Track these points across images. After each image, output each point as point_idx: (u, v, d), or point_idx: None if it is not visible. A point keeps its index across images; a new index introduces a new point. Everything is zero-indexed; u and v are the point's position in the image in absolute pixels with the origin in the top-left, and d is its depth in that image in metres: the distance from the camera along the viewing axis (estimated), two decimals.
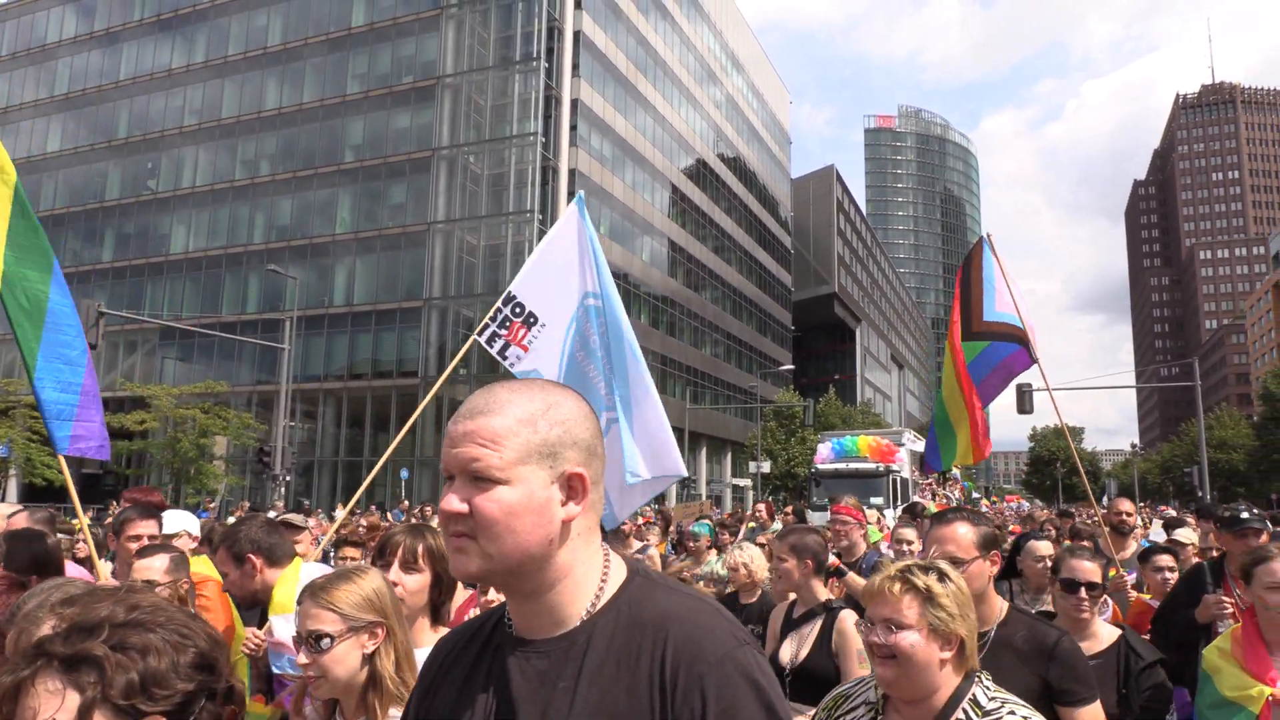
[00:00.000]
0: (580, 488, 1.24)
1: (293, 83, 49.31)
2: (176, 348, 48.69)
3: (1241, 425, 75.33)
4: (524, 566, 1.21)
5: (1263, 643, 2.96)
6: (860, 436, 27.46)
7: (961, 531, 2.77)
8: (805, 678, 3.40)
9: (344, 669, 2.04)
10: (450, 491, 1.20)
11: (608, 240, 49.16)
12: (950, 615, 1.93)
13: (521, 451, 1.19)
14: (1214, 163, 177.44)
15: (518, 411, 1.21)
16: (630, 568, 1.31)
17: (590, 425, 1.27)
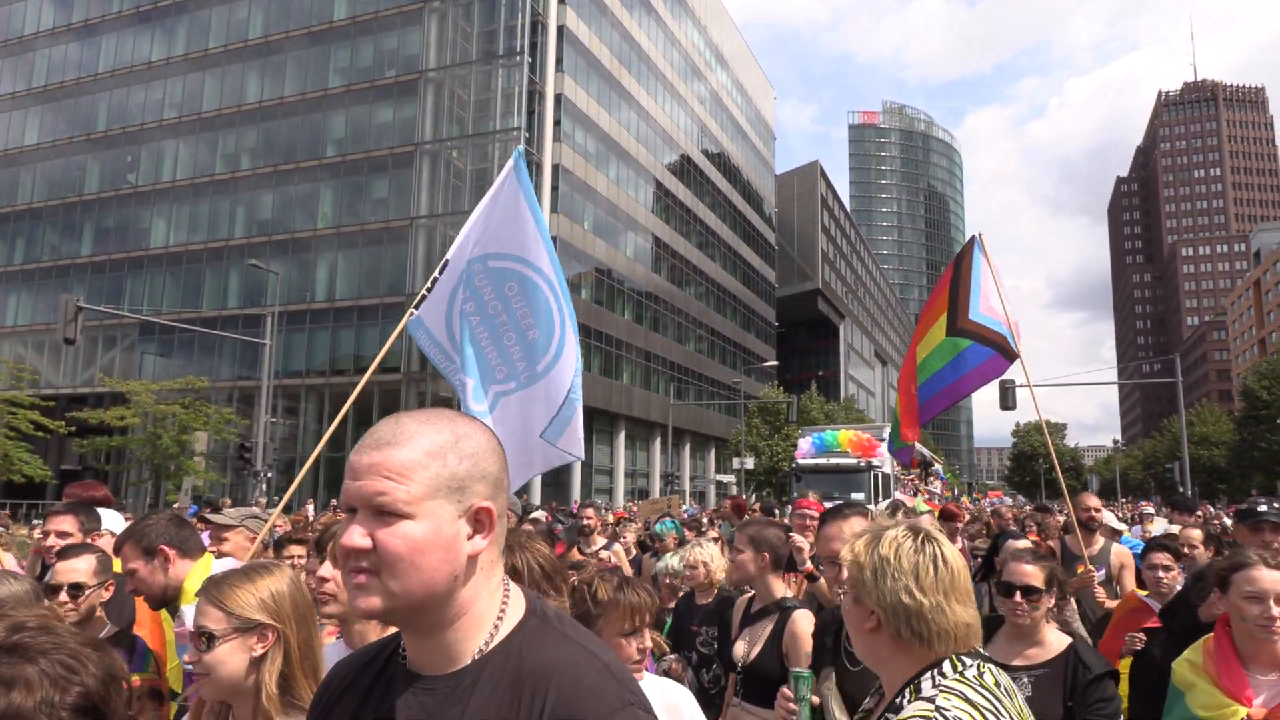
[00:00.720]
0: (487, 522, 1.21)
1: (274, 76, 48.91)
2: (156, 343, 48.24)
3: (1223, 421, 76.07)
4: (428, 604, 1.17)
5: (1238, 657, 2.74)
6: (841, 431, 27.05)
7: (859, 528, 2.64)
8: (756, 677, 3.30)
9: (227, 671, 1.94)
10: (352, 526, 1.16)
11: (591, 236, 49.08)
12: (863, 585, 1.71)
13: (429, 485, 1.16)
14: (1196, 160, 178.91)
15: (426, 444, 1.18)
16: (529, 606, 1.27)
17: (498, 458, 1.25)
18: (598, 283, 49.87)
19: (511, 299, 4.73)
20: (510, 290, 4.72)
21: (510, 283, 4.74)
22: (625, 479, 52.69)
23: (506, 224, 4.80)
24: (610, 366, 50.40)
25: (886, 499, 23.61)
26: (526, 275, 4.74)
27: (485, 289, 4.77)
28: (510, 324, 4.72)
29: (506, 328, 4.71)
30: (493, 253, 4.80)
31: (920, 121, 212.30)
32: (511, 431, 4.74)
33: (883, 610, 1.67)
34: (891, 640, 1.68)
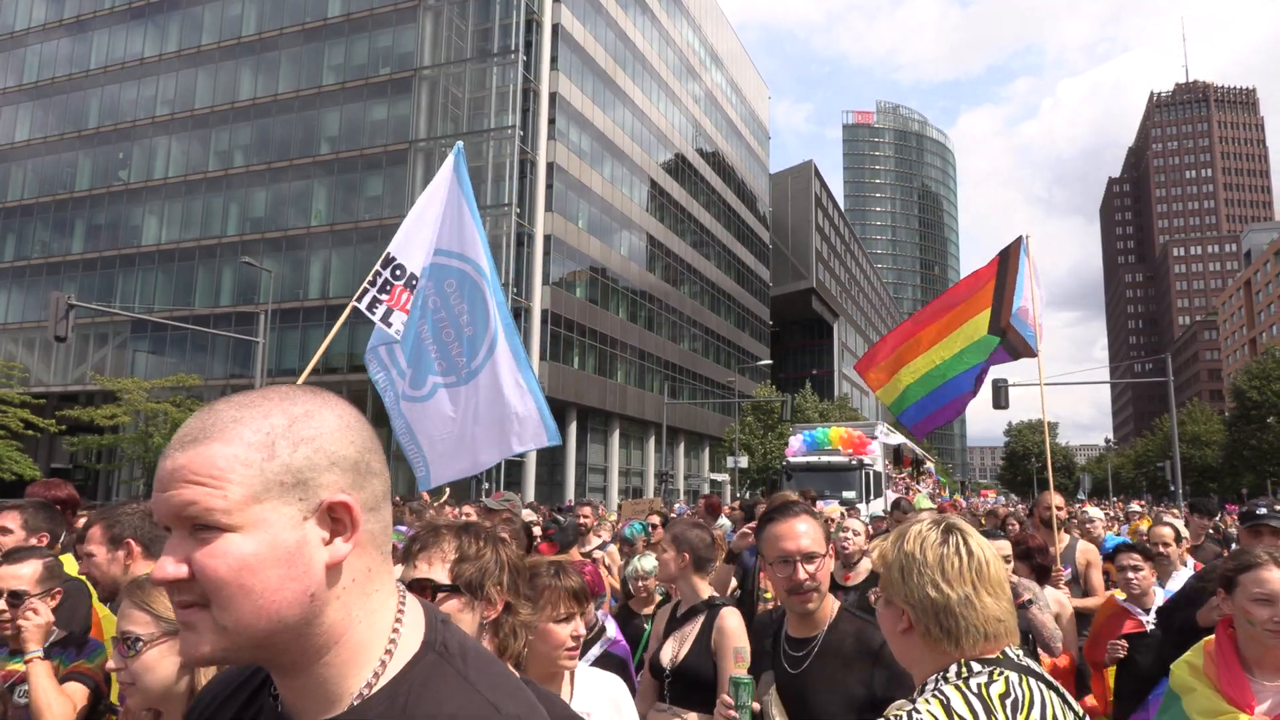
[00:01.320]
0: (347, 520, 0.95)
1: (267, 73, 48.72)
2: (148, 341, 48.04)
3: (1213, 421, 76.44)
4: (276, 637, 0.92)
5: (1240, 661, 2.61)
6: (832, 428, 26.53)
7: (811, 527, 2.64)
8: (684, 679, 3.19)
9: (155, 678, 1.80)
10: (167, 551, 0.92)
11: (586, 234, 49.04)
12: (892, 585, 1.67)
13: (255, 485, 0.91)
14: (1188, 161, 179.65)
15: (248, 433, 0.93)
16: (427, 636, 1.03)
17: (358, 437, 1.01)
18: (592, 281, 49.84)
19: (450, 295, 4.77)
20: (449, 287, 4.76)
21: (449, 279, 4.79)
22: (619, 478, 52.68)
23: (447, 221, 4.85)
24: (604, 365, 50.38)
25: (878, 497, 23.45)
26: (465, 272, 4.77)
27: (427, 285, 4.83)
28: (449, 320, 4.76)
29: (446, 324, 4.75)
30: (437, 248, 4.86)
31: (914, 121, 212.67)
32: (448, 422, 4.70)
33: (912, 608, 1.62)
34: (922, 641, 1.62)
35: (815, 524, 2.63)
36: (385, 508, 1.03)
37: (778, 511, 2.75)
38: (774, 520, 2.69)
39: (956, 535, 1.67)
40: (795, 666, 2.56)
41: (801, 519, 2.64)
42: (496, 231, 43.08)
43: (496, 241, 42.92)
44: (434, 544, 1.84)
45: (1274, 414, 62.48)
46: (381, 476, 1.02)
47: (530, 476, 42.91)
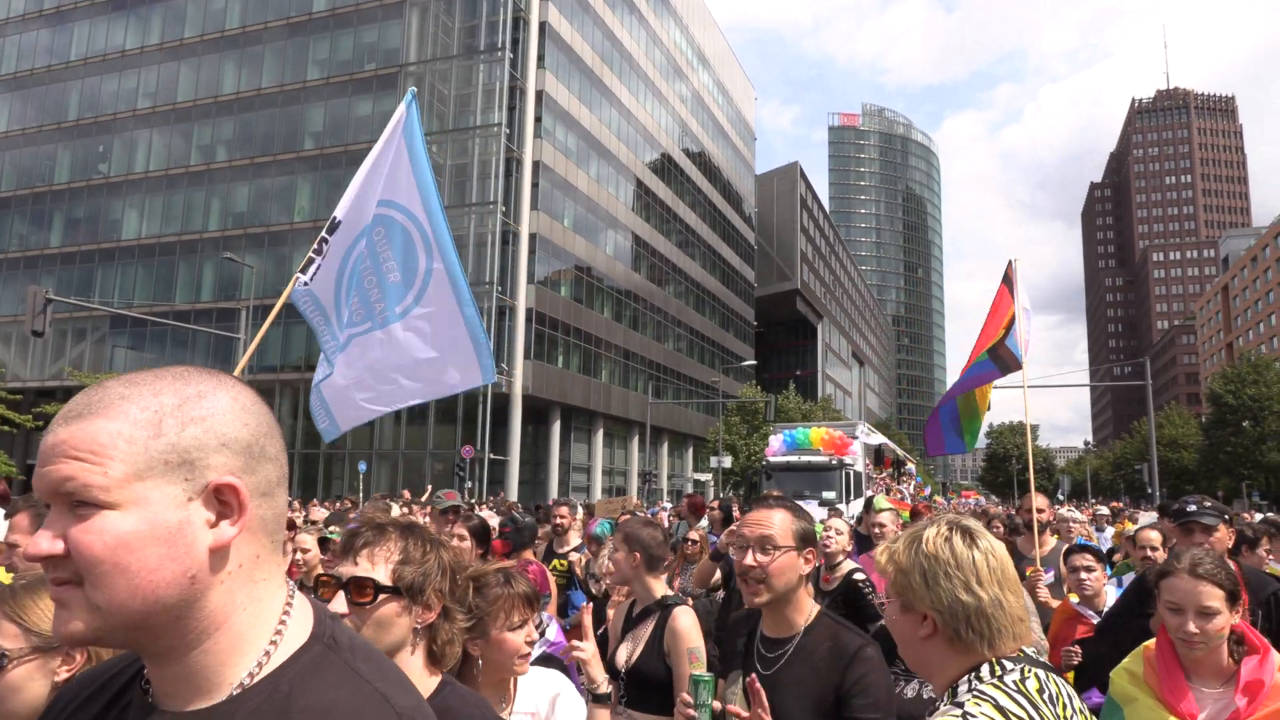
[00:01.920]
0: (235, 503, 0.93)
1: (251, 67, 48.35)
2: (128, 336, 47.56)
3: (1191, 424, 77.26)
4: (152, 619, 0.89)
5: (1180, 666, 2.56)
6: (813, 428, 26.26)
7: (778, 518, 2.53)
8: (638, 680, 3.13)
9: (22, 699, 1.62)
10: (44, 526, 0.90)
11: (571, 233, 48.94)
12: (913, 590, 1.62)
13: (138, 463, 0.89)
14: (1168, 166, 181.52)
15: (134, 410, 0.91)
16: (315, 628, 1.00)
17: (252, 420, 0.97)
18: (577, 280, 49.76)
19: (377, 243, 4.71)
20: (377, 235, 4.71)
21: (378, 228, 4.72)
22: (603, 477, 52.64)
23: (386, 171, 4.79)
24: (589, 364, 50.32)
25: (858, 497, 23.44)
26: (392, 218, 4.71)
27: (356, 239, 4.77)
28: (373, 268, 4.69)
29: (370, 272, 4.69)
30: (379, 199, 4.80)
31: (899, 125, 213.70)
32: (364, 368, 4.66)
33: (940, 613, 1.58)
34: (947, 645, 1.59)
35: (790, 518, 2.53)
36: (279, 494, 0.99)
37: (758, 501, 2.73)
38: (755, 508, 2.65)
39: (982, 539, 1.65)
40: (767, 668, 2.47)
41: (777, 510, 2.56)
42: (482, 230, 42.93)
43: (482, 240, 42.79)
44: (378, 542, 1.78)
45: (1249, 418, 63.21)
46: (276, 462, 0.99)
47: (514, 475, 42.80)
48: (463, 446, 37.03)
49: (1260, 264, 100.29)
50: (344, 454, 43.89)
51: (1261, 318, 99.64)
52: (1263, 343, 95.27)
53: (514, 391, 42.82)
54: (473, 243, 43.12)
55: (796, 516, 2.57)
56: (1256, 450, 62.27)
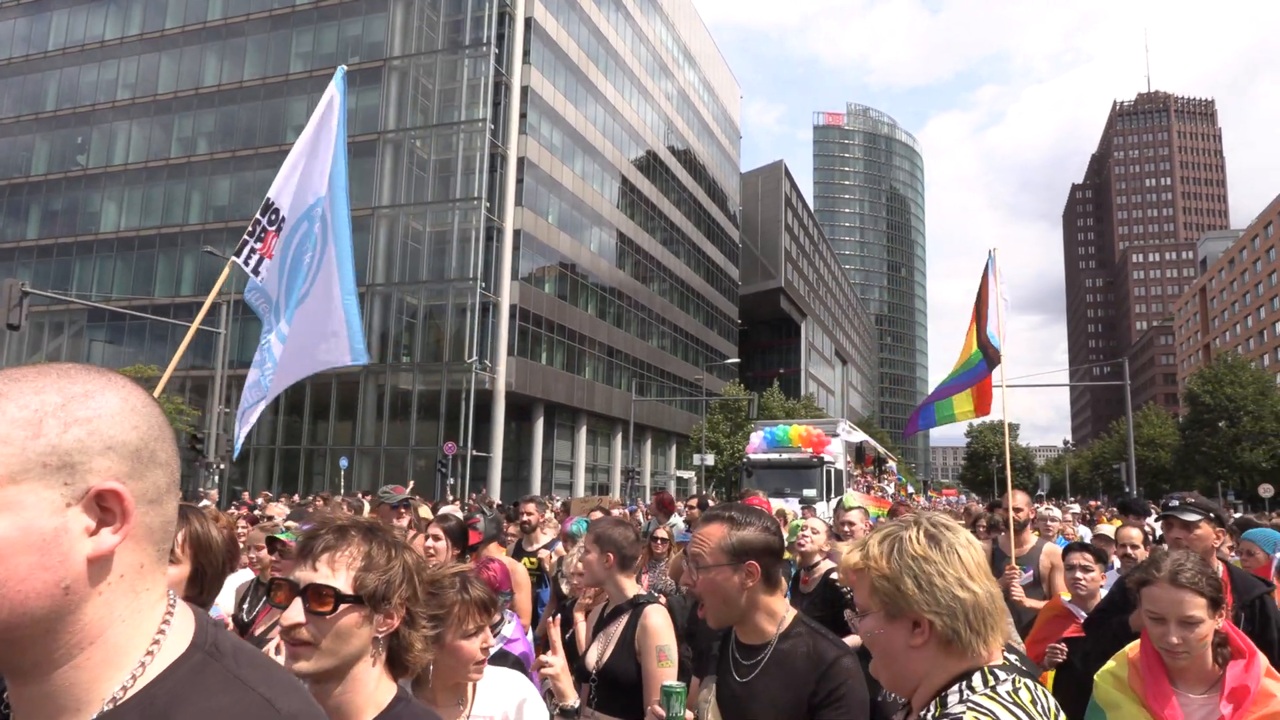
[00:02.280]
0: (118, 510, 0.86)
1: (233, 59, 47.92)
2: (106, 330, 47.08)
3: (1168, 424, 78.08)
4: (18, 631, 0.83)
5: (1164, 671, 2.49)
6: (793, 426, 26.23)
7: (709, 534, 2.39)
8: (608, 681, 3.06)
9: None
10: None
11: (555, 230, 48.83)
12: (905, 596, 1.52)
13: (12, 465, 0.83)
14: (1148, 169, 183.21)
15: (13, 408, 0.85)
16: (196, 636, 0.93)
17: (143, 423, 0.91)
18: (561, 277, 49.68)
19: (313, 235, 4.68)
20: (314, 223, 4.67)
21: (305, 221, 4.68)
22: (586, 474, 52.61)
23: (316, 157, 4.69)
24: (573, 361, 50.25)
25: (839, 495, 23.53)
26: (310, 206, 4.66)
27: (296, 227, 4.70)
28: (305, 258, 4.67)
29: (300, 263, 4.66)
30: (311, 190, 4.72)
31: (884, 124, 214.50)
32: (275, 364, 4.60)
33: (938, 615, 1.49)
34: (940, 651, 1.51)
35: (724, 532, 2.38)
36: (169, 501, 0.93)
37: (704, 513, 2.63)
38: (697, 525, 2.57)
39: (955, 532, 1.59)
40: (743, 675, 2.38)
41: (711, 525, 2.43)
42: (466, 225, 42.77)
43: (466, 236, 42.63)
44: (339, 546, 1.66)
45: (1225, 418, 63.96)
46: (167, 467, 0.93)
47: (496, 472, 42.70)
48: (445, 443, 36.89)
49: (1237, 266, 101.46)
50: (325, 450, 43.64)
51: (1238, 319, 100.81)
52: (1239, 344, 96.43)
53: (497, 388, 42.70)
54: (456, 238, 42.95)
55: (734, 528, 2.39)
56: (1232, 450, 63.02)
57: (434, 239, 43.75)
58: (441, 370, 41.97)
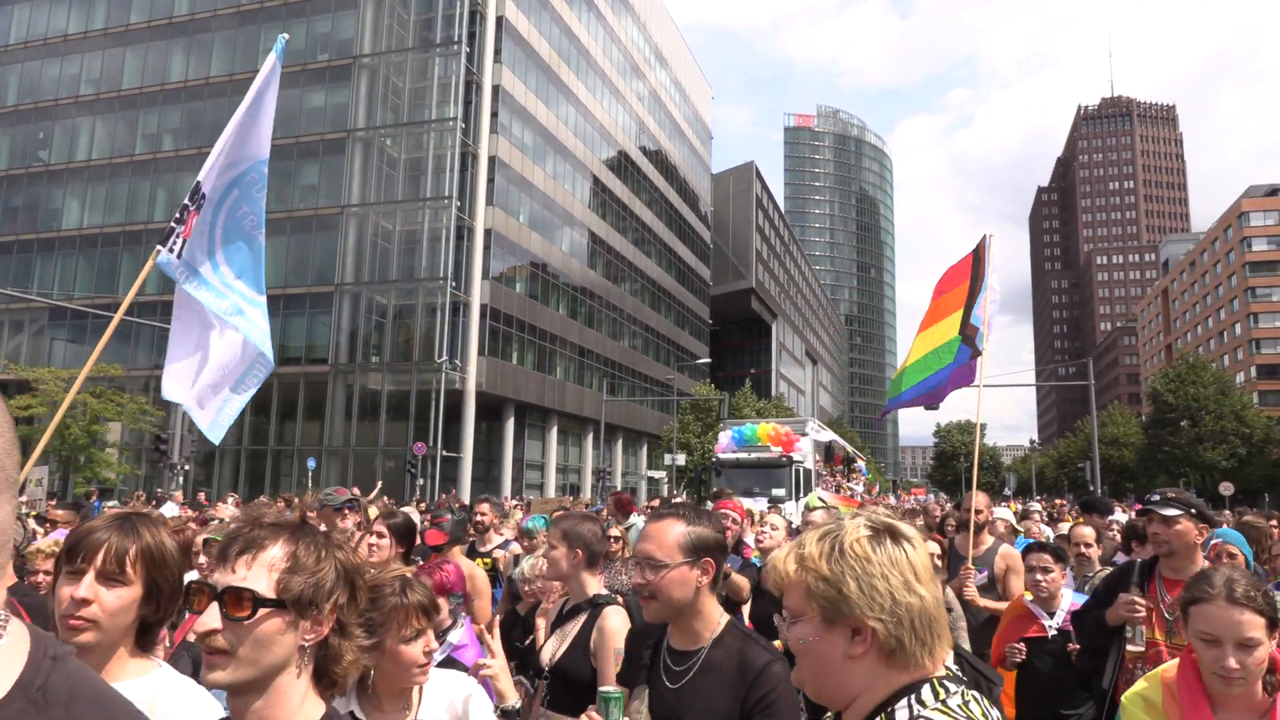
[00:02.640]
0: None
1: (200, 55, 47.27)
2: (68, 328, 46.23)
3: (1131, 424, 79.47)
4: None
5: (1205, 698, 2.27)
6: (761, 425, 25.90)
7: (663, 531, 2.37)
8: (561, 679, 3.02)
9: None
10: None
11: (527, 229, 48.67)
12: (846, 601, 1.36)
13: None
14: (1111, 172, 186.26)
15: None
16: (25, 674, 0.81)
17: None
18: (532, 276, 49.54)
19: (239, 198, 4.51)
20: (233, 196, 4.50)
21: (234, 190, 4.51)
22: (557, 474, 52.51)
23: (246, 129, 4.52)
24: (543, 361, 50.14)
25: (808, 494, 23.56)
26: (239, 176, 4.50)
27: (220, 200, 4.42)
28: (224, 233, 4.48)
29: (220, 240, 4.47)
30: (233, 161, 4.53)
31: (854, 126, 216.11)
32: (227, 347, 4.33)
33: (883, 621, 1.34)
34: (882, 662, 1.36)
35: (679, 529, 2.37)
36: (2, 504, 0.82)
37: (653, 512, 2.62)
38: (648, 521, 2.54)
39: (900, 531, 1.44)
40: (674, 681, 2.35)
41: (665, 521, 2.40)
42: (436, 224, 42.51)
43: (436, 235, 42.38)
44: (261, 546, 1.51)
45: (1187, 417, 65.21)
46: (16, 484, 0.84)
47: (467, 473, 42.50)
48: (415, 443, 36.67)
49: (1198, 268, 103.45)
50: (292, 450, 43.17)
51: (1199, 320, 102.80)
52: (1200, 344, 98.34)
53: (467, 388, 42.50)
54: (426, 237, 42.69)
55: (690, 525, 2.39)
56: (1195, 449, 64.27)
57: (404, 238, 43.45)
58: (411, 370, 41.69)
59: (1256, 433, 64.48)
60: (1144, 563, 3.77)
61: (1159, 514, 3.55)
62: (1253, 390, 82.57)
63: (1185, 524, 3.51)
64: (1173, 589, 3.44)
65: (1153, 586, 3.62)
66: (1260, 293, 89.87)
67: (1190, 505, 3.58)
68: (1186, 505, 3.57)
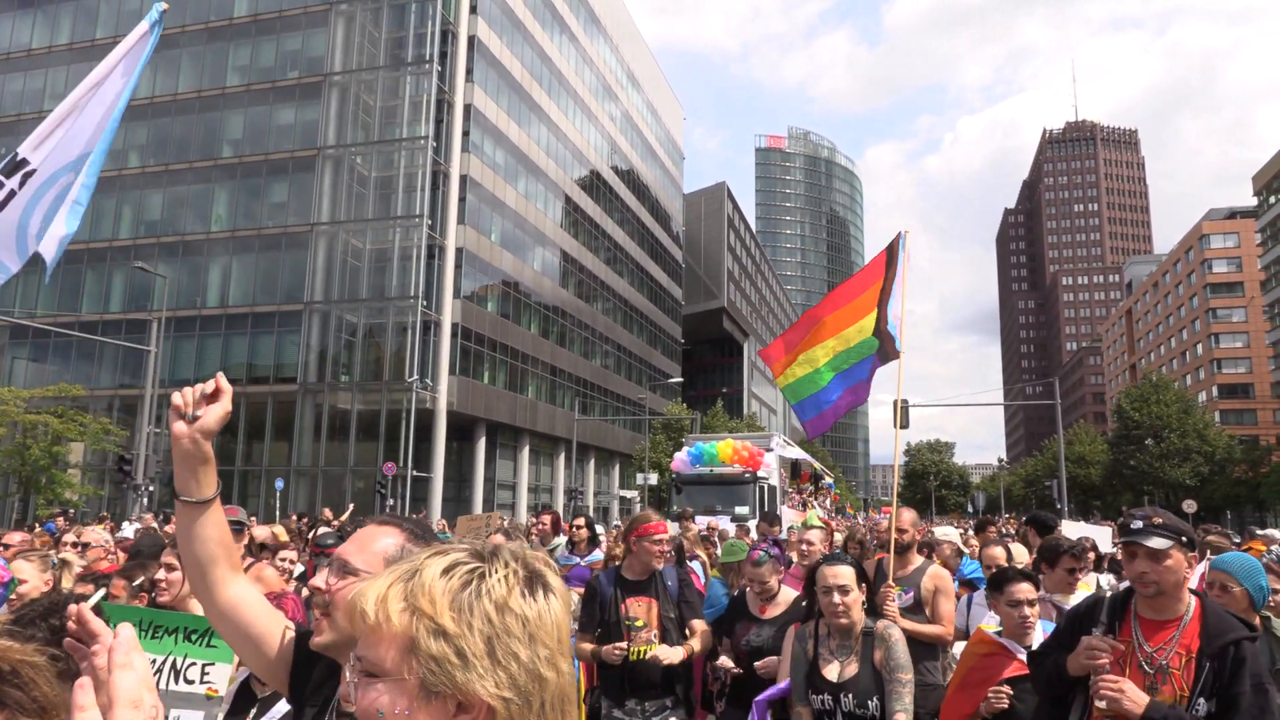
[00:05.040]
0: None
1: (167, 71, 46.84)
2: (29, 348, 45.37)
3: (1097, 442, 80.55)
4: None
5: None
6: (721, 441, 24.25)
7: (374, 537, 1.79)
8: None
9: None
10: None
11: (498, 248, 48.57)
12: (453, 657, 0.97)
13: None
14: (1076, 195, 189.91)
15: None
16: None
17: None
18: (504, 295, 49.40)
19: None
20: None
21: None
22: (529, 494, 52.18)
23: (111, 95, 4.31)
24: (515, 380, 49.91)
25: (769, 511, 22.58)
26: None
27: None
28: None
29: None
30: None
31: (824, 148, 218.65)
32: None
33: (506, 701, 0.98)
34: None
35: (381, 538, 1.78)
36: None
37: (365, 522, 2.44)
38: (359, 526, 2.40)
39: (550, 582, 1.08)
40: None
41: (381, 528, 1.80)
42: (407, 243, 42.31)
43: (407, 253, 42.16)
44: None
45: (1151, 436, 66.25)
46: None
47: (437, 493, 42.09)
48: (385, 463, 36.27)
49: (1161, 289, 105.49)
50: (260, 471, 42.54)
51: (1162, 340, 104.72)
52: (1164, 364, 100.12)
53: (438, 407, 42.18)
54: (397, 256, 42.45)
55: (409, 541, 1.78)
56: (1160, 466, 65.25)
57: (374, 256, 43.18)
58: (381, 389, 41.32)
59: (1218, 451, 65.62)
60: (1116, 597, 3.10)
61: (1145, 547, 2.85)
62: (1214, 409, 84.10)
63: (1176, 557, 2.85)
64: (1153, 633, 2.88)
65: (1126, 626, 2.95)
66: (1221, 313, 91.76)
67: (1181, 532, 2.90)
68: (1177, 533, 2.89)
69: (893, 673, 3.67)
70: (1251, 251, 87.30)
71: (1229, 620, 2.86)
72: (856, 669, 3.71)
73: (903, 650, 3.73)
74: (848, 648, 3.78)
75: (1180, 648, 2.80)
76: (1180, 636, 2.81)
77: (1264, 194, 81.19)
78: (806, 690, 3.83)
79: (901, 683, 3.65)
